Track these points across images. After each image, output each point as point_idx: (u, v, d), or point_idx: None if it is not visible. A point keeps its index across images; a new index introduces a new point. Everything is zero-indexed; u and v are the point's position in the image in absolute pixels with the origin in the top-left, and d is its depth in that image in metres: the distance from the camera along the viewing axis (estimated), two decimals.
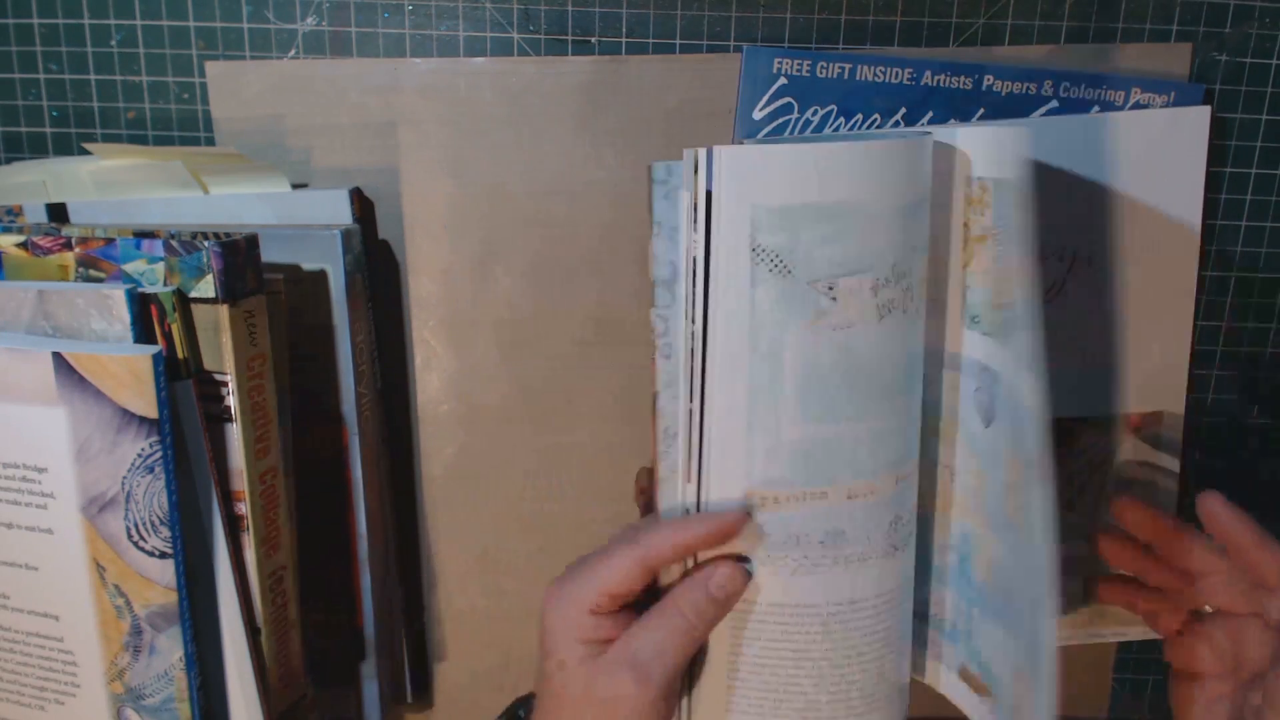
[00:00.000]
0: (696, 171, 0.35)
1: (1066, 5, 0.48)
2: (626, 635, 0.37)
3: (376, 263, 0.50)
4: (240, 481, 0.41)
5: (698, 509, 0.38)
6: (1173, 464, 0.51)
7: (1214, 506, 0.43)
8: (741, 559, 0.38)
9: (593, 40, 0.49)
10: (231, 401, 0.40)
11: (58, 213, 0.47)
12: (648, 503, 0.42)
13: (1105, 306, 0.49)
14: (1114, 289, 0.49)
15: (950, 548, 0.42)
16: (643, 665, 0.36)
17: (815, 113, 0.48)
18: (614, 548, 0.38)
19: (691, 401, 0.37)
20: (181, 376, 0.40)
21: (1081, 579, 0.50)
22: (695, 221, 0.35)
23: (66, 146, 0.50)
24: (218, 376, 0.40)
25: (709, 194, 0.35)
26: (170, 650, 0.41)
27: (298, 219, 0.47)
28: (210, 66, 0.48)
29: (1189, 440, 0.53)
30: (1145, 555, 0.46)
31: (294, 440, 0.45)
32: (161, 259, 0.40)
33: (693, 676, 0.40)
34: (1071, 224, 0.48)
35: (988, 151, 0.37)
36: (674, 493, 0.38)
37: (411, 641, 0.55)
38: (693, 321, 0.36)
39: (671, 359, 0.38)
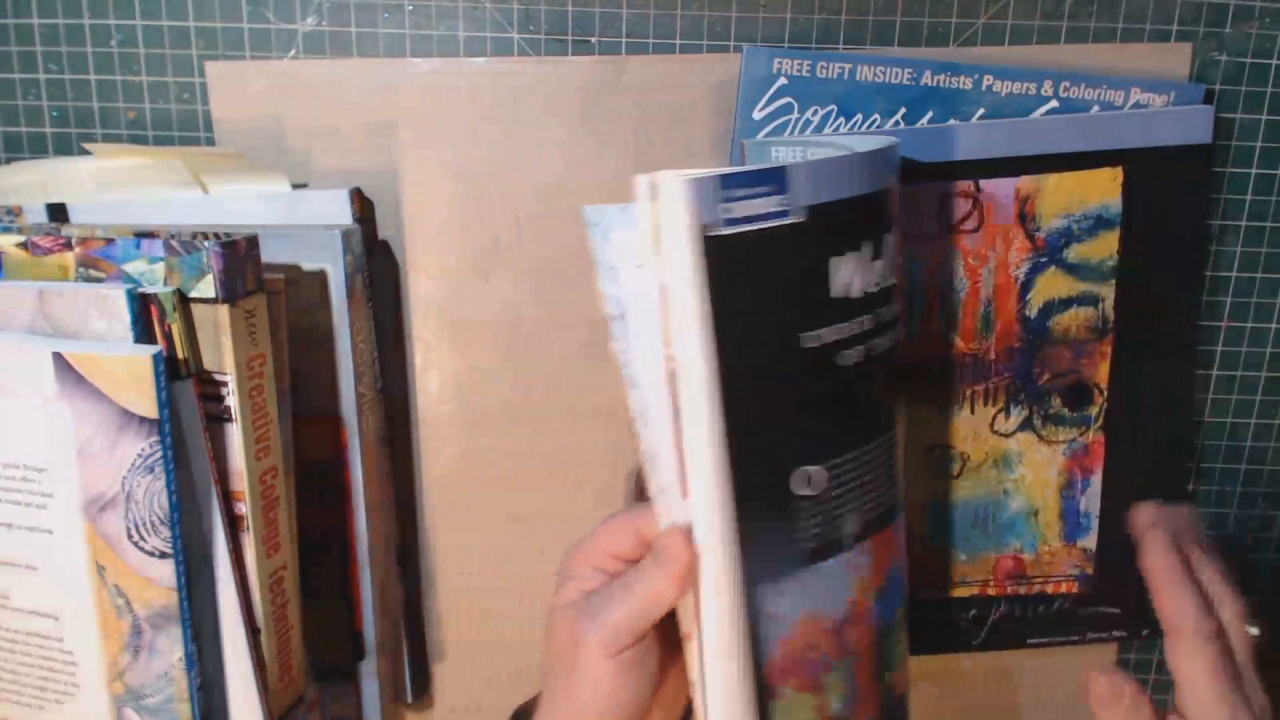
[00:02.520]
0: (655, 198, 0.34)
1: (1066, 5, 0.48)
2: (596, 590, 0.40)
3: (376, 263, 0.50)
4: (240, 481, 0.41)
5: None
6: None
7: (1141, 520, 0.40)
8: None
9: (593, 40, 0.49)
10: (231, 401, 0.40)
11: (58, 213, 0.47)
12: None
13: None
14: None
15: None
16: (590, 614, 0.38)
17: (815, 113, 0.48)
18: (619, 513, 0.41)
19: (678, 422, 0.37)
20: (181, 376, 0.40)
21: None
22: (659, 247, 0.34)
23: (66, 146, 0.50)
24: (218, 376, 0.40)
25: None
26: (170, 650, 0.41)
27: (298, 219, 0.47)
28: (210, 66, 0.49)
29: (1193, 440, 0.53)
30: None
31: (294, 440, 0.45)
32: (161, 259, 0.40)
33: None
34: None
35: None
36: (669, 509, 0.38)
37: (411, 641, 0.55)
38: (668, 346, 0.36)
39: (638, 388, 0.38)
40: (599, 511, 0.54)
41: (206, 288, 0.39)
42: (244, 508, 0.42)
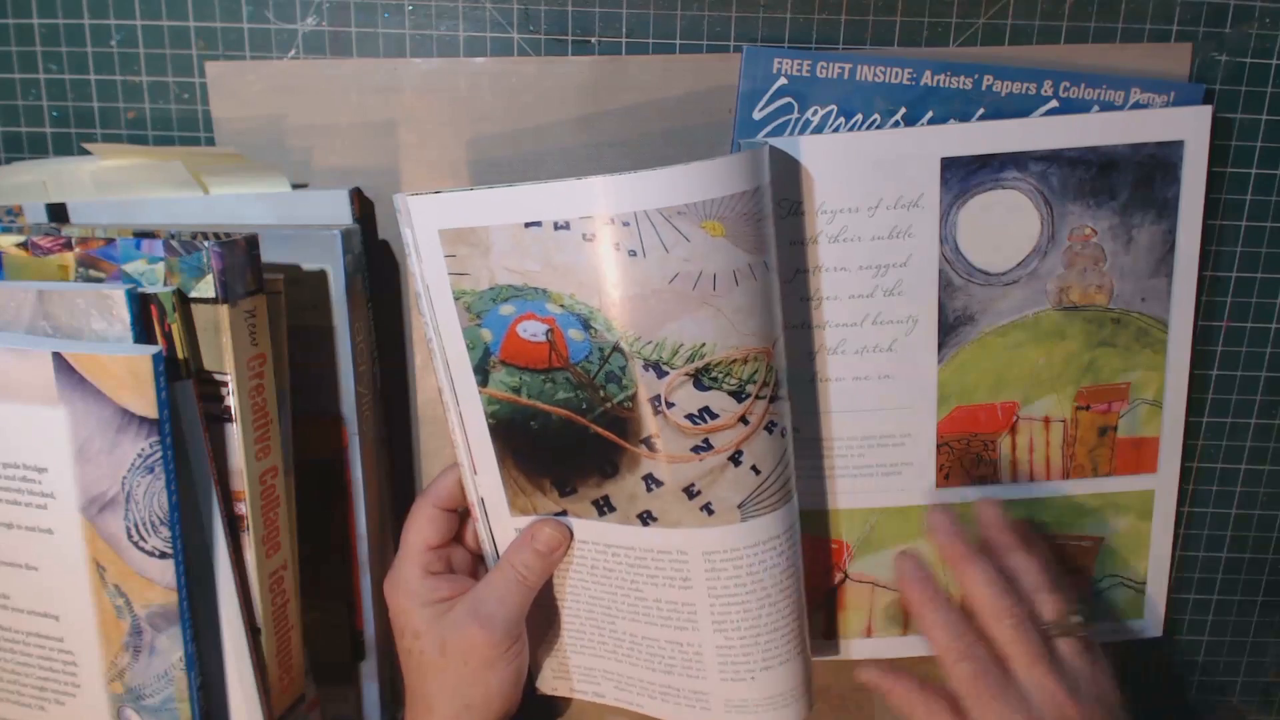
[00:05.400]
0: (407, 217, 0.42)
1: (1066, 5, 0.48)
2: (471, 593, 0.44)
3: (376, 263, 0.50)
4: (240, 481, 0.41)
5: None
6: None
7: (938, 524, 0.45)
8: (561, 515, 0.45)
9: (593, 40, 0.49)
10: (231, 401, 0.40)
11: (58, 213, 0.47)
12: None
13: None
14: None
15: None
16: (486, 615, 0.43)
17: (815, 113, 0.48)
18: (410, 516, 0.46)
19: (459, 405, 0.44)
20: (181, 376, 0.40)
21: None
22: (418, 252, 0.42)
23: (66, 146, 0.50)
24: (218, 376, 0.40)
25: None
26: (170, 650, 0.41)
27: (298, 219, 0.47)
28: (210, 66, 0.49)
29: (1189, 438, 0.53)
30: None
31: (294, 440, 0.45)
32: (161, 259, 0.40)
33: (536, 629, 0.48)
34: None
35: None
36: (469, 482, 0.46)
37: None
38: (440, 336, 0.43)
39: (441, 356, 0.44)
40: None
41: (206, 288, 0.39)
42: (244, 508, 0.42)
